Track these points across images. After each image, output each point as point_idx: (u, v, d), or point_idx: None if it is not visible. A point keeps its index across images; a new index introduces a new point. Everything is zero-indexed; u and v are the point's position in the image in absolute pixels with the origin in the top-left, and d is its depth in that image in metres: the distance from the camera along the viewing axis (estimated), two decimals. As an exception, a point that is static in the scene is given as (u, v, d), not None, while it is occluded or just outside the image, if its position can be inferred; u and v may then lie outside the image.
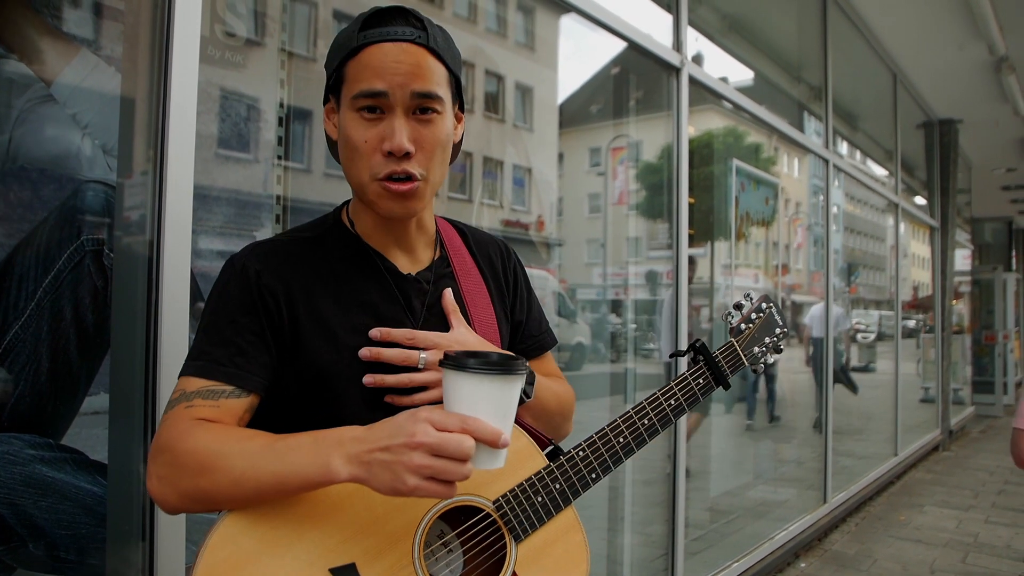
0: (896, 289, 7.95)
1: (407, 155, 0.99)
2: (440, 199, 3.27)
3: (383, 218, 1.08)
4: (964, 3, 5.34)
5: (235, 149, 1.91)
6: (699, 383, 1.20)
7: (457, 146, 1.14)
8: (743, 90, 4.33)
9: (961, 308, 11.55)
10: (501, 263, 1.25)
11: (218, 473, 0.89)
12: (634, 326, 4.05)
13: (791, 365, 6.32)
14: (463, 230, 1.24)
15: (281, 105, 2.00)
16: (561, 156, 4.16)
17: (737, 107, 4.23)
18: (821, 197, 5.78)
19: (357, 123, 1.00)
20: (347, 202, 1.15)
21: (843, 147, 6.59)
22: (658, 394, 1.17)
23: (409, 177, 1.00)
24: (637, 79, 3.93)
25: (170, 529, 1.44)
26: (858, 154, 7.50)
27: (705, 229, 4.45)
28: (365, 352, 1.02)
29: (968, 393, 11.09)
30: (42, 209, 1.42)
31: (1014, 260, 15.38)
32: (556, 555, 1.07)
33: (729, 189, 4.37)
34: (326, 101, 1.09)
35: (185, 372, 0.99)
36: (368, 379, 1.02)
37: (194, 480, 0.90)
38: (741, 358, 1.26)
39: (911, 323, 10.08)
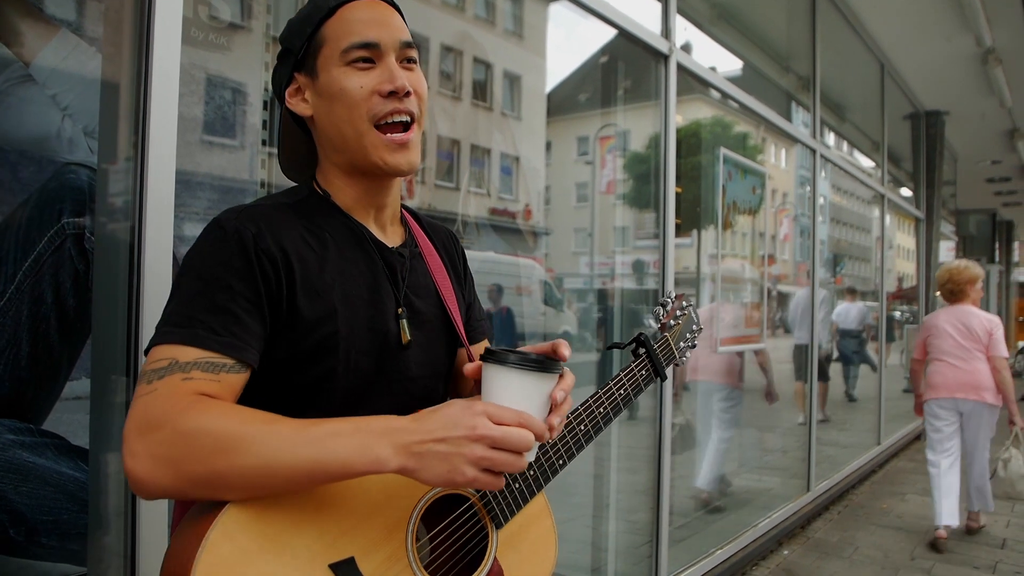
0: (881, 280, 8.01)
1: (407, 95, 1.01)
2: (427, 187, 3.25)
3: (369, 187, 1.07)
4: (952, -5, 5.36)
5: (219, 134, 1.89)
6: (642, 375, 1.24)
7: None
8: (731, 79, 4.33)
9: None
10: (454, 248, 1.27)
11: (243, 456, 0.81)
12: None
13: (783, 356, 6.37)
14: (416, 214, 1.24)
15: (266, 89, 1.98)
16: (549, 145, 4.15)
17: (725, 96, 4.23)
18: (808, 187, 5.80)
19: (351, 74, 1.00)
20: (312, 176, 1.12)
21: (830, 138, 6.61)
22: (611, 384, 1.20)
23: (409, 121, 1.02)
24: (625, 68, 3.92)
25: (152, 515, 1.43)
26: (845, 145, 7.53)
27: (692, 218, 4.46)
28: (570, 378, 0.99)
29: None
30: (21, 191, 1.40)
31: (997, 252, 15.53)
32: (530, 539, 1.11)
33: (716, 178, 4.38)
34: (288, 83, 1.07)
35: (170, 339, 0.88)
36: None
37: (207, 462, 0.81)
38: (673, 352, 1.31)
39: (896, 314, 10.19)
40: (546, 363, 0.91)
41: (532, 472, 1.09)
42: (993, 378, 4.40)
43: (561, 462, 1.12)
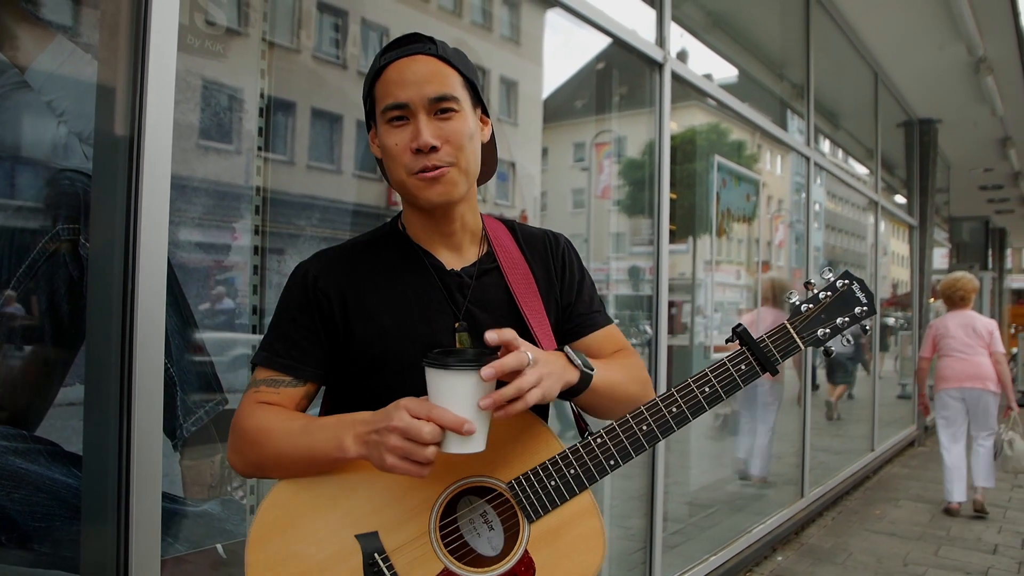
0: (875, 287, 8.04)
1: (434, 150, 1.11)
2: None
3: (430, 218, 1.20)
4: (944, 5, 5.40)
5: (215, 139, 1.89)
6: (740, 369, 1.14)
7: (490, 148, 1.27)
8: (726, 87, 4.35)
9: (939, 306, 11.69)
10: (551, 253, 1.31)
11: (266, 447, 1.09)
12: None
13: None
14: (512, 226, 1.32)
15: (262, 95, 1.99)
16: (545, 151, 4.15)
17: (720, 104, 4.25)
18: (803, 194, 5.82)
19: (389, 132, 1.14)
20: (402, 211, 1.27)
21: (825, 145, 6.64)
22: (690, 381, 1.13)
23: (437, 168, 1.12)
24: (621, 75, 3.93)
25: (145, 521, 1.43)
26: (839, 152, 7.56)
27: (687, 225, 4.47)
28: (488, 371, 0.97)
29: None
30: (16, 197, 1.40)
31: (990, 259, 15.58)
32: (570, 538, 1.11)
33: (711, 185, 4.39)
34: (369, 128, 1.23)
35: (256, 361, 1.18)
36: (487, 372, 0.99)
37: (250, 452, 1.11)
38: (795, 341, 1.16)
39: (889, 320, 10.21)
40: (452, 360, 0.97)
41: (572, 471, 1.10)
42: (995, 370, 5.23)
43: (612, 462, 1.10)
